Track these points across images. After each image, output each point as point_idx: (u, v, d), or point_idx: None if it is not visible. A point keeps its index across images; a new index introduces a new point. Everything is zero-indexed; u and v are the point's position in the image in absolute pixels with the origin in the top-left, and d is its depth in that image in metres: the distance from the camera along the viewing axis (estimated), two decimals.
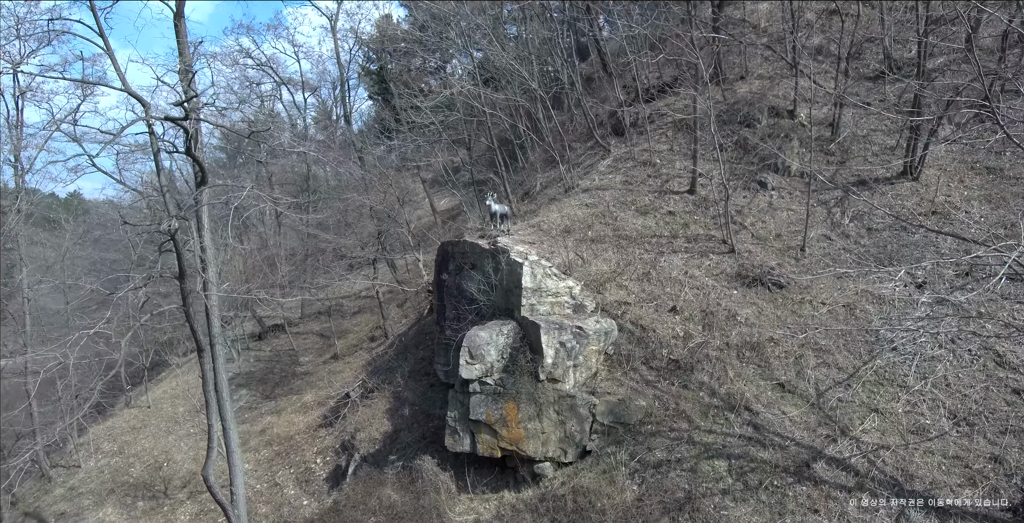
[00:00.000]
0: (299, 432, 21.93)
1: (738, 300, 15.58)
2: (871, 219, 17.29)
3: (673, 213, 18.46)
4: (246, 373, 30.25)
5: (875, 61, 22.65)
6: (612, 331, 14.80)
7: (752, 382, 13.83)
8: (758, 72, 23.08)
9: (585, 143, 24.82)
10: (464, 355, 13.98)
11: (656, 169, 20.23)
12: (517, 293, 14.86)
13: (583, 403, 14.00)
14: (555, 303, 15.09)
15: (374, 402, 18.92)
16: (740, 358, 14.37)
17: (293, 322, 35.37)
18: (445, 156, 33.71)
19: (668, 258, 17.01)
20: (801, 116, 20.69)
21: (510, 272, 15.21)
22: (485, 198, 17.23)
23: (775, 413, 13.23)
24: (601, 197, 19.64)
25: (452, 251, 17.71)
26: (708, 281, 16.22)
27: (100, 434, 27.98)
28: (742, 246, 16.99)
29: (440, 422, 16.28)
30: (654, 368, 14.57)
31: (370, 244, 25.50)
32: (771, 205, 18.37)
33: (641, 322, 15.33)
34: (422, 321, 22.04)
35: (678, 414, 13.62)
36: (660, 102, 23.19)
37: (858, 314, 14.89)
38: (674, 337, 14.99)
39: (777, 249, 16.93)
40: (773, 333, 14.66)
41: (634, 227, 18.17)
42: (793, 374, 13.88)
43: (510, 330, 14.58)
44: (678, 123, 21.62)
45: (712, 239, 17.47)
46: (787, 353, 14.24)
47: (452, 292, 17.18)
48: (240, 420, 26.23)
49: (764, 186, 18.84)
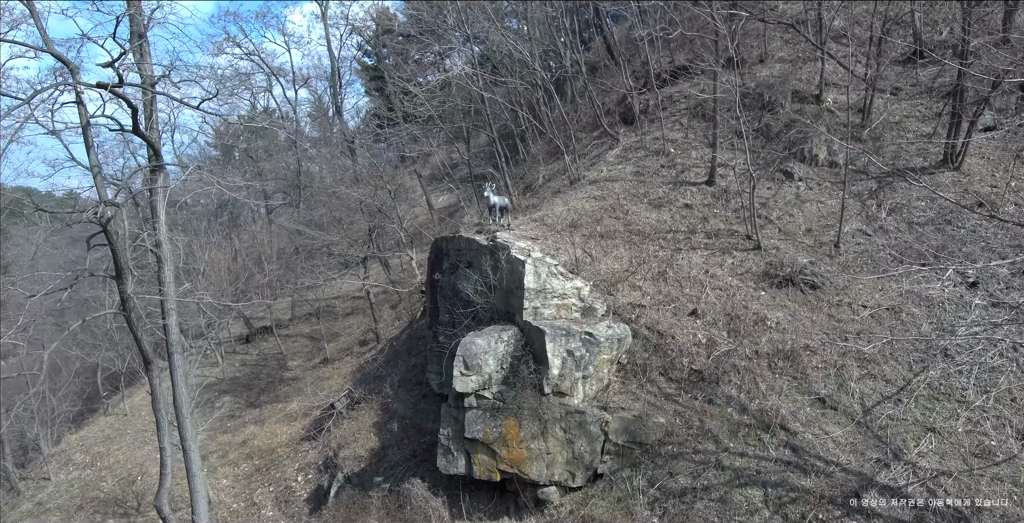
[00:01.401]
0: (281, 445, 20.22)
1: (767, 302, 13.86)
2: (911, 212, 15.58)
3: (690, 206, 16.74)
4: (230, 378, 28.56)
5: (903, 44, 20.98)
6: (626, 337, 13.08)
7: (788, 396, 12.11)
8: (778, 55, 21.36)
9: (591, 133, 23.11)
10: (458, 365, 12.25)
11: (670, 159, 18.51)
12: (519, 294, 13.14)
13: (594, 420, 12.28)
14: (561, 306, 13.37)
15: (361, 414, 17.20)
16: (772, 369, 12.64)
17: (283, 323, 33.66)
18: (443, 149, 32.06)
19: (686, 255, 15.28)
20: (828, 101, 18.98)
21: (511, 271, 13.49)
22: (483, 190, 15.48)
23: (816, 433, 11.51)
24: (610, 189, 17.92)
25: (446, 248, 15.99)
26: (732, 281, 14.50)
27: (73, 444, 26.25)
28: (769, 242, 15.27)
29: (432, 438, 14.57)
30: (674, 380, 12.84)
31: (360, 241, 23.77)
32: (798, 197, 16.65)
33: (658, 327, 13.61)
34: (415, 324, 20.32)
35: (703, 433, 11.89)
36: (673, 88, 21.50)
37: (904, 318, 13.18)
38: (696, 344, 13.26)
39: (808, 245, 15.21)
40: (809, 340, 12.94)
41: (647, 221, 16.45)
42: (834, 387, 12.15)
43: (511, 336, 12.86)
44: (693, 109, 19.91)
45: (735, 234, 15.75)
46: (826, 363, 12.52)
47: (446, 293, 15.45)
48: (222, 429, 24.59)
49: (790, 176, 17.12)
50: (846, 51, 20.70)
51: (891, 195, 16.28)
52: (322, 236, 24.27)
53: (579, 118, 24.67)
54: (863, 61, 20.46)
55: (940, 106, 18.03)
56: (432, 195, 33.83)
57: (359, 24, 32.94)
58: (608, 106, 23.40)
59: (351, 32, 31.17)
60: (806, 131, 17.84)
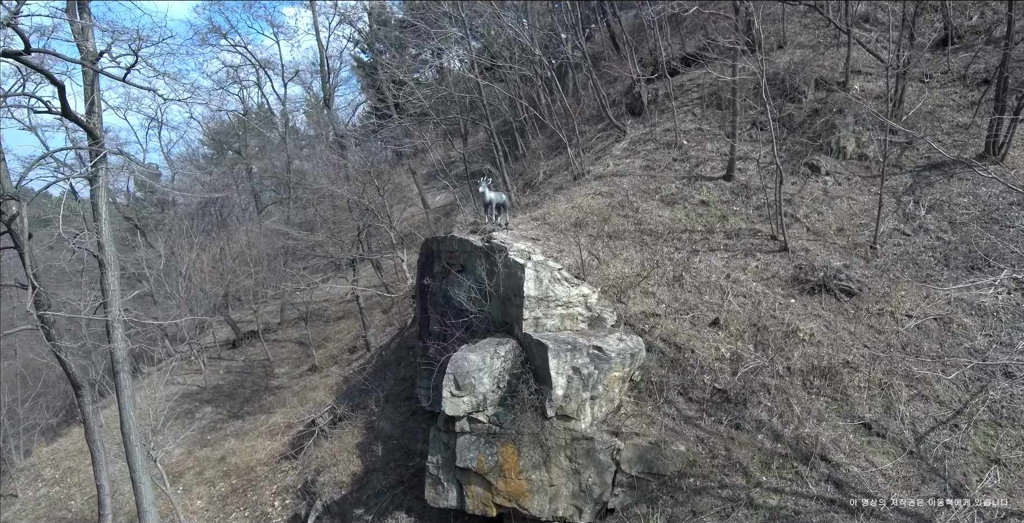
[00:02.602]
0: (261, 463, 18.65)
1: (798, 311, 12.28)
2: (952, 209, 14.03)
3: (706, 203, 15.16)
4: (213, 387, 27.00)
5: (933, 30, 19.46)
6: (639, 351, 11.50)
7: (827, 421, 10.54)
8: (797, 40, 19.78)
9: (595, 125, 21.53)
10: (449, 384, 10.67)
11: (683, 151, 16.93)
12: (518, 303, 11.56)
13: (604, 447, 10.71)
14: (566, 315, 11.78)
15: (344, 432, 15.63)
16: (807, 388, 11.07)
17: (272, 328, 32.12)
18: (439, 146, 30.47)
19: (704, 258, 13.72)
20: (855, 89, 17.42)
21: (509, 276, 11.92)
22: (477, 185, 13.88)
23: (861, 464, 9.94)
24: (618, 185, 16.34)
25: (437, 250, 14.42)
26: (757, 286, 12.92)
27: (44, 458, 24.69)
28: (796, 243, 13.71)
29: (421, 461, 13.02)
30: (695, 400, 11.27)
31: (350, 242, 22.18)
32: (826, 193, 15.07)
33: (675, 339, 12.04)
34: (405, 333, 18.74)
35: (730, 464, 10.32)
36: (684, 76, 19.92)
37: (955, 330, 11.61)
38: (718, 359, 11.69)
39: (841, 246, 13.64)
40: (848, 355, 11.37)
41: (660, 220, 14.88)
42: (880, 410, 10.59)
43: (508, 351, 11.28)
44: (708, 98, 18.32)
45: (758, 234, 14.17)
46: (869, 382, 10.95)
47: (437, 300, 13.87)
48: (201, 443, 23.08)
49: (816, 170, 15.55)
50: (869, 36, 19.21)
51: (928, 191, 14.73)
52: (307, 237, 22.60)
53: (582, 110, 23.11)
54: (888, 47, 19.00)
55: (976, 94, 16.55)
56: (428, 194, 32.26)
57: (350, 13, 31.33)
58: (613, 97, 21.82)
59: (340, 21, 29.63)
60: (833, 121, 16.29)
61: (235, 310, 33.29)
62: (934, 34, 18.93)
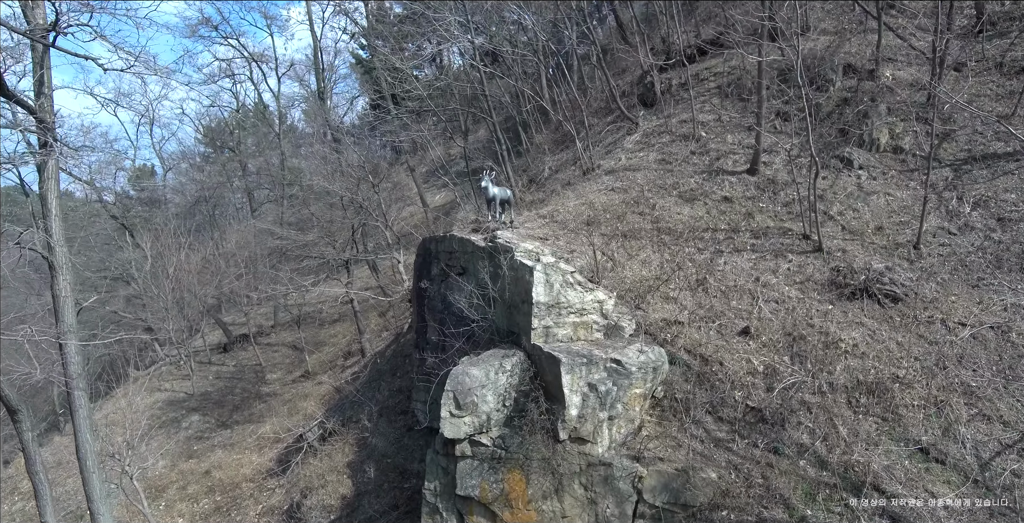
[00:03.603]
0: (247, 479, 17.39)
1: (837, 319, 11.03)
2: (1000, 206, 12.80)
3: (730, 199, 13.91)
4: (201, 394, 25.73)
5: (961, 16, 18.27)
6: (662, 365, 10.24)
7: (878, 445, 9.29)
8: (820, 26, 18.52)
9: (604, 118, 20.28)
10: (448, 403, 9.42)
11: (702, 144, 15.68)
12: (525, 310, 10.31)
13: (624, 474, 9.46)
14: (579, 324, 10.53)
15: (334, 449, 14.38)
16: (853, 406, 9.82)
17: (265, 331, 30.88)
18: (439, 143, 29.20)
19: (729, 259, 12.47)
20: (886, 76, 16.17)
21: (515, 280, 10.66)
22: (479, 180, 12.60)
23: (920, 494, 8.70)
24: (631, 180, 15.09)
25: (436, 250, 13.16)
26: (790, 291, 11.67)
27: (22, 469, 23.41)
28: (832, 243, 12.46)
29: (417, 483, 11.78)
30: (725, 420, 10.01)
31: (343, 243, 20.92)
32: (861, 188, 13.83)
33: (701, 350, 10.79)
34: (401, 339, 17.49)
35: (769, 494, 9.06)
36: (700, 65, 18.66)
37: (1015, 339, 10.37)
38: (750, 373, 10.44)
39: (881, 247, 12.38)
40: (897, 368, 10.13)
41: (679, 218, 13.62)
42: (938, 432, 9.34)
43: (515, 365, 10.02)
44: (726, 87, 17.08)
45: (788, 233, 12.92)
46: (923, 399, 9.70)
47: (435, 306, 12.62)
48: (187, 454, 21.83)
49: (848, 164, 14.30)
50: (898, 22, 18.01)
51: (972, 186, 13.50)
52: (297, 237, 21.30)
53: (589, 102, 21.85)
54: (916, 34, 17.80)
55: (1015, 84, 15.35)
56: (428, 193, 31.01)
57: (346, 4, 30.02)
58: (623, 88, 20.58)
59: (336, 12, 28.33)
60: (865, 111, 15.04)
61: (228, 312, 32.09)
62: (965, 21, 17.78)
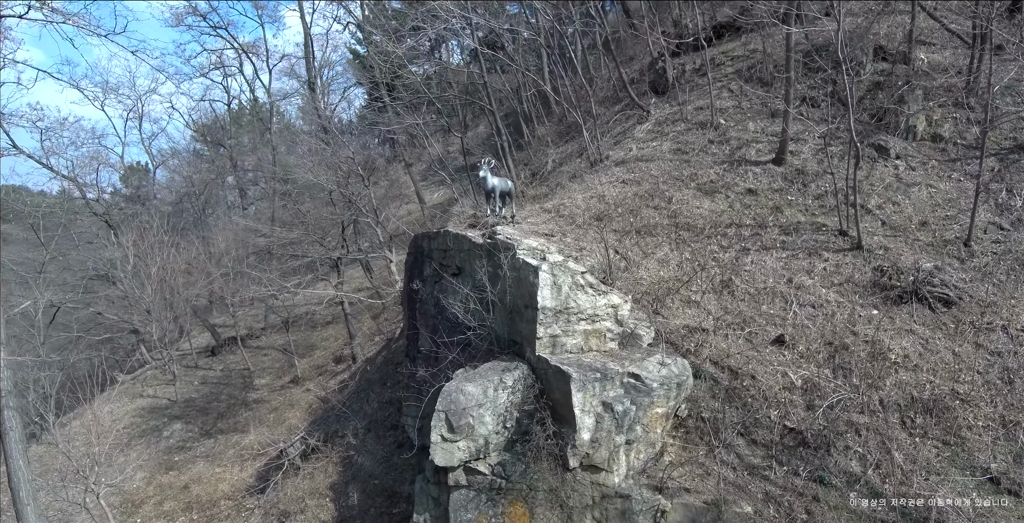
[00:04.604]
0: (225, 496, 16.07)
1: (884, 325, 9.70)
2: None
3: (754, 191, 12.58)
4: (185, 400, 24.38)
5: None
6: (686, 379, 8.90)
7: (939, 474, 7.96)
8: (848, 6, 17.17)
9: (611, 107, 18.96)
10: (439, 426, 8.09)
11: (721, 132, 14.35)
12: (529, 316, 8.98)
13: (644, 507, 8.13)
14: (591, 332, 9.18)
15: (316, 468, 13.08)
16: (909, 428, 8.49)
17: (255, 333, 29.56)
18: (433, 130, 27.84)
19: (757, 258, 11.14)
20: (920, 59, 14.87)
21: (517, 281, 9.32)
22: (477, 170, 11.19)
23: None
24: (644, 171, 13.76)
25: (429, 248, 11.82)
26: (828, 294, 10.34)
27: None
28: (872, 239, 11.13)
29: (407, 508, 10.48)
30: (760, 444, 8.68)
31: (333, 240, 19.58)
32: (899, 179, 12.50)
33: (729, 362, 9.46)
34: (392, 345, 16.16)
35: None
36: (716, 49, 17.32)
37: None
38: (787, 388, 9.11)
39: (927, 244, 11.05)
40: (956, 383, 8.80)
41: (699, 212, 12.29)
42: (1008, 460, 8.02)
43: (518, 380, 8.69)
44: (746, 72, 15.74)
45: (822, 229, 11.59)
46: (990, 420, 8.37)
47: (427, 311, 11.29)
48: (166, 465, 20.48)
49: (884, 153, 12.96)
50: (928, 3, 16.72)
51: (1020, 177, 12.18)
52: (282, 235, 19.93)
53: (595, 92, 20.53)
54: (947, 15, 16.52)
55: None
56: (427, 192, 29.70)
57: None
58: (631, 76, 19.26)
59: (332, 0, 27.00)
60: (901, 96, 13.72)
61: (220, 314, 30.81)
62: (998, 1, 16.46)
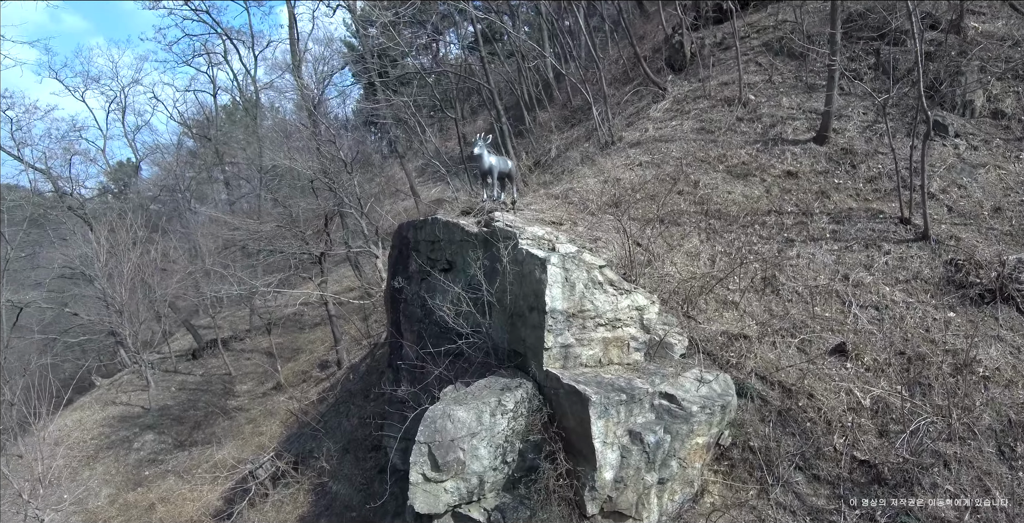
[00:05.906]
0: (191, 520, 14.35)
1: (965, 331, 7.98)
2: None
3: (794, 174, 10.85)
4: (160, 408, 22.64)
5: None
6: (730, 400, 7.16)
7: None
8: None
9: (622, 87, 17.23)
10: (420, 462, 6.34)
11: (750, 109, 12.62)
12: (535, 320, 7.22)
13: None
14: (611, 341, 7.43)
15: (287, 494, 11.31)
16: (1008, 458, 6.77)
17: (239, 336, 27.84)
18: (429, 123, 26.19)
19: (804, 250, 9.41)
20: (974, 28, 13.15)
21: (520, 277, 7.57)
22: (471, 146, 9.41)
23: None
24: (665, 152, 12.03)
25: (415, 239, 10.06)
26: (893, 293, 8.61)
27: None
28: (939, 228, 9.40)
29: None
30: (824, 480, 6.95)
31: (316, 234, 17.85)
32: (962, 160, 10.77)
33: (780, 377, 7.73)
34: (376, 352, 14.41)
35: None
36: (738, 21, 15.61)
37: None
38: (854, 409, 7.38)
39: (1004, 233, 9.33)
40: None
41: (730, 198, 10.56)
42: None
43: (520, 402, 6.93)
44: (776, 43, 14.02)
45: (879, 217, 9.85)
46: None
47: (412, 313, 9.53)
48: (134, 481, 18.78)
49: (943, 130, 11.24)
50: None
51: None
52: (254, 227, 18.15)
53: (604, 72, 18.84)
54: None
55: None
56: (423, 188, 28.05)
57: None
58: (644, 53, 17.54)
59: None
60: (957, 68, 12.01)
61: (204, 315, 29.15)
62: None
